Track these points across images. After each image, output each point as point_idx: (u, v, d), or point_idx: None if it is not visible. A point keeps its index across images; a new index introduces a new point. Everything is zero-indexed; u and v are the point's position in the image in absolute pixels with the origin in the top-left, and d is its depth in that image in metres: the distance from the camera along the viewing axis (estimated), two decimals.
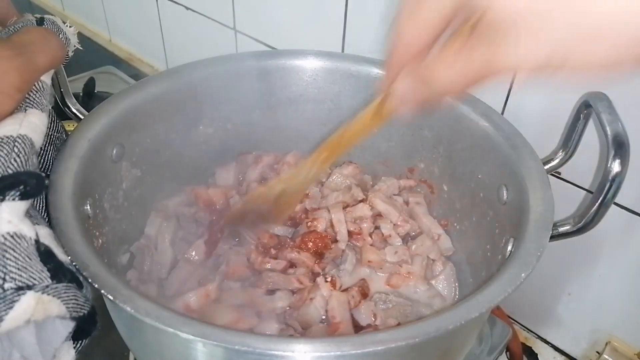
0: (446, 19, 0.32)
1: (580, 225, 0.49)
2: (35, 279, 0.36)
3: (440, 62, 0.33)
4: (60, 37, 0.49)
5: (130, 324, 0.48)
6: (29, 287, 0.35)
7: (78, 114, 0.59)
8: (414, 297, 0.61)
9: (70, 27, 0.52)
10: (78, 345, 0.40)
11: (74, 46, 0.52)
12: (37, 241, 0.39)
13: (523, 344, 0.78)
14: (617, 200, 0.52)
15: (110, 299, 0.38)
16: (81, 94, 1.05)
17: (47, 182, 0.46)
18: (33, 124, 0.42)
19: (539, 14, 0.27)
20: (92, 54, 1.30)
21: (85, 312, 0.40)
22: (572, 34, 0.26)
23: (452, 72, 0.32)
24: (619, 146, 0.47)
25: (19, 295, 0.35)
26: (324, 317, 0.58)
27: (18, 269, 0.35)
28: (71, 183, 0.49)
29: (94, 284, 0.39)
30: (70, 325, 0.39)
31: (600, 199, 0.47)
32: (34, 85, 0.45)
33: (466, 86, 0.32)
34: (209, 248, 0.64)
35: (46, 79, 0.47)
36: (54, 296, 0.37)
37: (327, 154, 0.51)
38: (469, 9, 0.30)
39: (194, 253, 0.63)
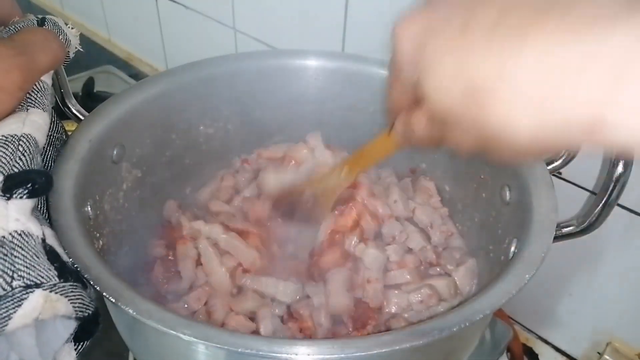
0: (413, 94, 0.38)
1: (584, 225, 0.49)
2: (43, 277, 0.36)
3: (414, 122, 0.39)
4: (61, 38, 0.49)
5: (132, 325, 0.48)
6: (37, 286, 0.35)
7: (78, 114, 0.58)
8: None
9: (72, 28, 0.52)
10: (79, 347, 0.40)
11: (75, 48, 0.52)
12: (43, 240, 0.39)
13: (524, 344, 0.78)
14: (619, 201, 0.51)
15: (112, 302, 0.38)
16: (80, 94, 1.05)
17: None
18: (36, 124, 0.42)
19: (456, 118, 0.33)
20: (91, 54, 1.28)
21: (90, 312, 0.39)
22: (482, 135, 0.32)
23: (421, 134, 0.39)
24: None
25: (27, 293, 0.35)
26: None
27: (26, 267, 0.35)
28: (72, 184, 0.48)
29: (95, 286, 0.39)
30: (71, 327, 0.39)
31: (604, 199, 0.47)
32: (35, 85, 0.45)
33: (432, 146, 0.39)
34: None
35: (47, 79, 0.47)
36: (61, 295, 0.37)
37: (347, 168, 0.58)
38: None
39: None
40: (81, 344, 0.41)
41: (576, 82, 0.26)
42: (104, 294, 0.39)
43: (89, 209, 0.51)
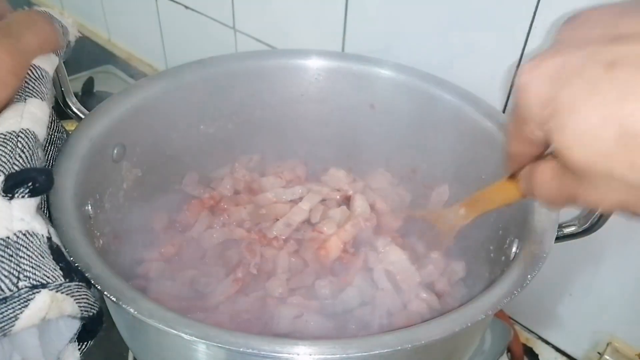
0: (539, 147, 0.36)
1: (586, 226, 0.49)
2: (49, 277, 0.36)
3: (539, 176, 0.36)
4: (55, 25, 0.47)
5: (132, 325, 0.47)
6: (43, 286, 0.35)
7: (79, 113, 0.58)
8: None
9: (68, 18, 0.50)
10: (83, 346, 0.40)
11: (75, 36, 0.51)
12: (49, 239, 0.38)
13: (524, 344, 0.78)
14: None
15: (113, 301, 0.38)
16: (80, 94, 1.05)
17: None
18: (35, 116, 0.41)
19: (600, 173, 0.29)
20: (91, 54, 1.29)
21: (95, 311, 0.39)
22: (632, 191, 0.29)
23: (548, 189, 0.35)
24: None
25: (33, 293, 0.35)
26: None
27: (32, 267, 0.35)
28: (72, 183, 0.48)
29: (96, 286, 0.39)
30: (74, 327, 0.39)
31: None
32: (32, 72, 0.43)
33: (560, 204, 0.35)
34: None
35: (45, 66, 0.45)
36: (67, 294, 0.37)
37: (465, 209, 0.57)
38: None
39: None
40: (84, 343, 0.40)
41: None
42: (105, 293, 0.39)
43: (90, 207, 0.51)
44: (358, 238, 0.66)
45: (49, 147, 0.49)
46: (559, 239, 0.48)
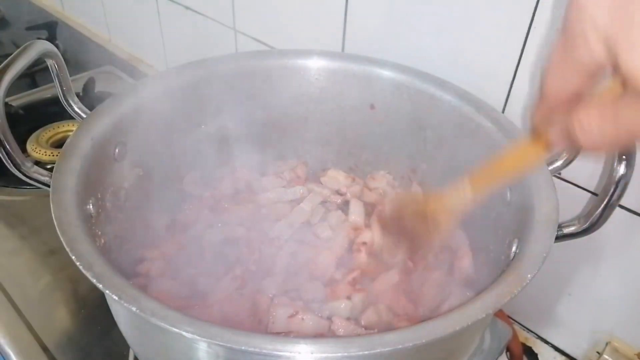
0: (591, 76, 0.31)
1: (585, 226, 0.50)
2: None
3: (585, 119, 0.31)
4: None
5: (134, 323, 0.48)
6: None
7: (80, 112, 0.59)
8: None
9: None
10: None
11: None
12: None
13: (523, 344, 0.78)
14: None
15: (115, 299, 0.38)
16: (81, 94, 1.05)
17: None
18: None
19: None
20: (91, 54, 1.30)
21: None
22: None
23: (598, 131, 0.31)
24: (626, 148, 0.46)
25: None
26: None
27: None
28: (74, 182, 0.48)
29: (98, 284, 0.39)
30: None
31: (606, 200, 0.48)
32: None
33: (616, 142, 0.31)
34: None
35: None
36: None
37: (471, 185, 0.51)
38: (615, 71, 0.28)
39: None
40: None
41: None
42: (107, 291, 0.39)
43: (91, 206, 0.51)
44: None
45: None
46: (558, 238, 0.48)
